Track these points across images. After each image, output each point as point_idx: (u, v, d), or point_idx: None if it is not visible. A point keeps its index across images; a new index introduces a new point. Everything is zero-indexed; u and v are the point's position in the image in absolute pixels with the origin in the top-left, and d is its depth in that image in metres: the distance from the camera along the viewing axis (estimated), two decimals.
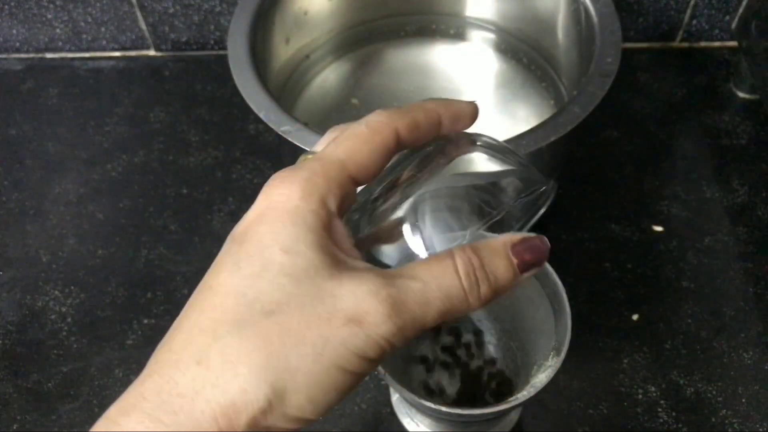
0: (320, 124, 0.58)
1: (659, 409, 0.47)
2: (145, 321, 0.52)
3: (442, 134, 0.27)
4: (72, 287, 0.54)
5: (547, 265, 0.36)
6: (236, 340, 0.21)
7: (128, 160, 0.62)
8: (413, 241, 0.25)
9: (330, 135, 0.26)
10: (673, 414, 0.47)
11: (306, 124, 0.44)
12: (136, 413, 0.21)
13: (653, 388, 0.48)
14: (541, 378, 0.34)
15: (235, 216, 0.57)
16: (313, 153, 0.25)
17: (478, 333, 0.45)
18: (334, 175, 0.23)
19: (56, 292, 0.54)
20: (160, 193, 0.60)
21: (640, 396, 0.47)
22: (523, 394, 0.34)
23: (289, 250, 0.22)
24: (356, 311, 0.21)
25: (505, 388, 0.43)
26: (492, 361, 0.45)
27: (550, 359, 0.35)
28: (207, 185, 0.60)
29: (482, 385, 0.44)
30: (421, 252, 0.24)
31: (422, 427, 0.45)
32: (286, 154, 0.54)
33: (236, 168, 0.61)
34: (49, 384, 0.50)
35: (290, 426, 0.21)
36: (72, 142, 0.64)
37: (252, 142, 0.63)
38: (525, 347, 0.42)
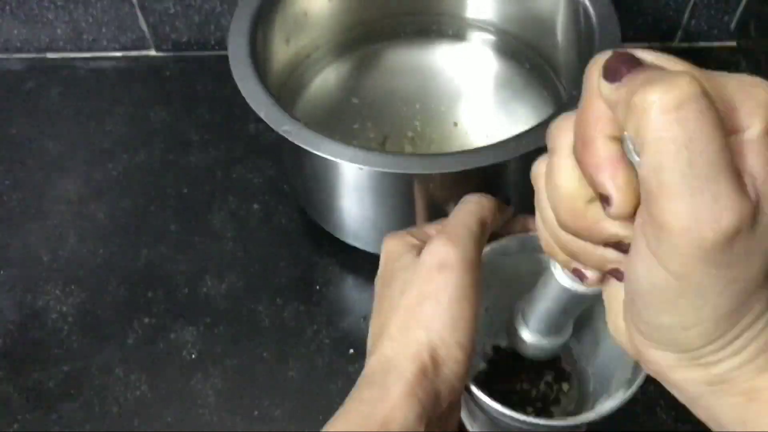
0: (320, 124, 0.58)
1: (659, 409, 0.47)
2: (146, 320, 0.52)
3: None
4: (72, 287, 0.54)
5: None
6: (399, 317, 0.34)
7: (129, 159, 0.62)
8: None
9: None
10: (673, 414, 0.47)
11: (306, 124, 0.44)
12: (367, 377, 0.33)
13: (653, 388, 0.48)
14: (609, 404, 0.35)
15: (236, 215, 0.58)
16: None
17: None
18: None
19: (57, 292, 0.54)
20: (160, 192, 0.60)
21: (640, 396, 0.47)
22: (591, 414, 0.34)
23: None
24: (437, 260, 0.34)
25: (547, 403, 0.44)
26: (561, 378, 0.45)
27: (621, 391, 0.35)
28: (207, 185, 0.60)
29: (529, 397, 0.44)
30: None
31: (477, 427, 0.45)
32: (286, 154, 0.54)
33: (237, 167, 0.61)
34: (50, 383, 0.50)
35: (458, 352, 0.33)
36: (73, 141, 0.64)
37: (252, 141, 0.63)
38: (599, 374, 0.42)
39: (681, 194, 0.19)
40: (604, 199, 0.22)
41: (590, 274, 0.27)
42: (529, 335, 0.37)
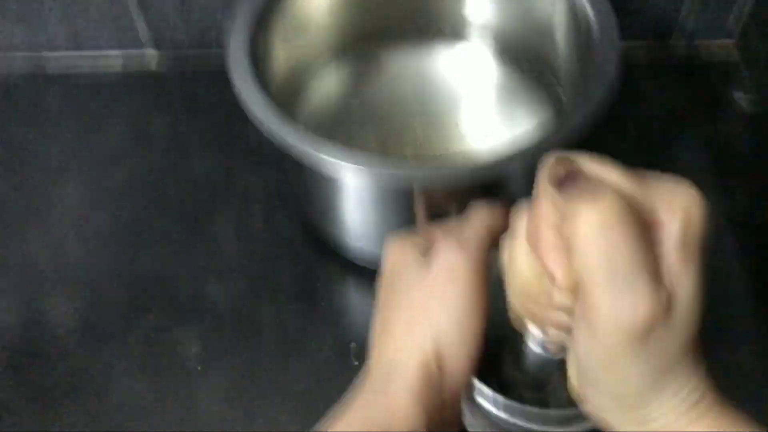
0: (320, 127, 0.58)
1: None
2: (147, 325, 0.52)
3: None
4: (74, 293, 0.54)
5: None
6: (404, 318, 0.35)
7: (129, 163, 0.62)
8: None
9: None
10: None
11: (306, 128, 0.44)
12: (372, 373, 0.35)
13: None
14: None
15: (237, 220, 0.58)
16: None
17: None
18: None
19: (58, 297, 0.54)
20: (161, 197, 0.60)
21: None
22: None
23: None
24: (445, 263, 0.35)
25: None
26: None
27: None
28: (208, 189, 0.60)
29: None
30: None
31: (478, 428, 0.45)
32: (287, 158, 0.54)
33: (238, 172, 0.61)
34: (51, 385, 0.50)
35: (463, 352, 0.33)
36: (73, 145, 0.64)
37: (253, 145, 0.63)
38: None
39: (604, 288, 0.24)
40: (551, 276, 0.26)
41: (552, 331, 0.30)
42: (526, 392, 0.38)
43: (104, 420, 0.48)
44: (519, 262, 0.28)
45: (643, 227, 0.24)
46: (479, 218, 0.38)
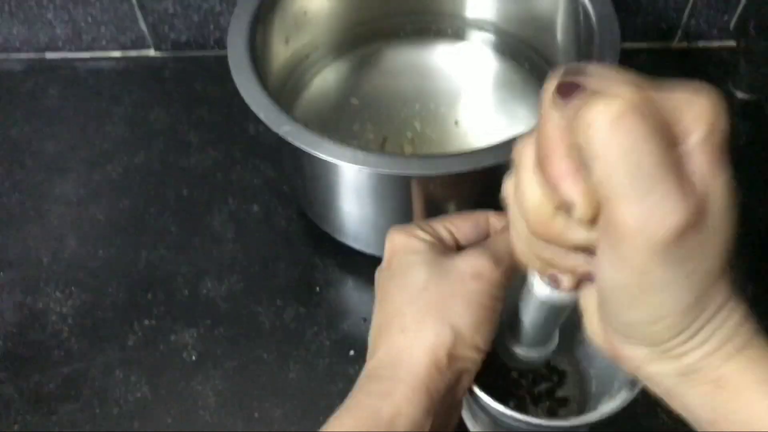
0: (320, 124, 0.58)
1: (659, 409, 0.47)
2: (146, 322, 0.52)
3: None
4: (72, 288, 0.54)
5: None
6: (416, 310, 0.34)
7: (128, 160, 0.62)
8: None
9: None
10: (673, 414, 0.47)
11: (306, 125, 0.44)
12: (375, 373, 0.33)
13: None
14: (611, 405, 0.35)
15: (236, 217, 0.58)
16: None
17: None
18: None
19: (57, 294, 0.54)
20: (160, 193, 0.60)
21: (641, 397, 0.47)
22: (593, 415, 0.35)
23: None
24: (475, 269, 0.34)
25: (554, 406, 0.44)
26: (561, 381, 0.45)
27: (623, 392, 0.36)
28: (207, 186, 0.60)
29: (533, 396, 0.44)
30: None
31: (479, 427, 0.45)
32: (285, 155, 0.54)
33: (236, 168, 0.61)
34: (50, 385, 0.50)
35: (474, 354, 0.33)
36: (72, 142, 0.64)
37: (252, 142, 0.63)
38: (601, 376, 0.42)
39: (630, 197, 0.21)
40: (568, 206, 0.23)
41: (565, 279, 0.28)
42: (516, 347, 0.37)
43: (104, 419, 0.48)
44: (528, 197, 0.25)
45: (663, 128, 0.21)
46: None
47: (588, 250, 0.25)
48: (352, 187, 0.47)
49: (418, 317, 0.33)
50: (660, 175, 0.21)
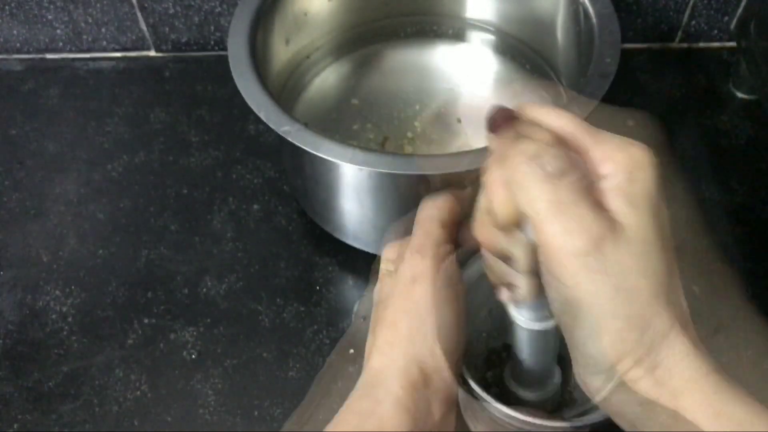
0: (320, 124, 0.58)
1: None
2: (146, 321, 0.52)
3: None
4: (72, 287, 0.54)
5: None
6: (387, 331, 0.34)
7: (129, 160, 0.62)
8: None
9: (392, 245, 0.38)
10: None
11: (306, 125, 0.44)
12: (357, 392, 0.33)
13: None
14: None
15: (236, 216, 0.58)
16: (387, 263, 0.37)
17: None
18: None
19: (57, 292, 0.54)
20: (160, 193, 0.60)
21: None
22: (595, 415, 0.35)
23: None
24: (411, 273, 0.34)
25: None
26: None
27: None
28: (207, 185, 0.60)
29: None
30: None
31: (480, 427, 0.45)
32: (286, 155, 0.54)
33: (236, 168, 0.61)
34: (50, 383, 0.50)
35: (441, 362, 0.33)
36: (72, 142, 0.64)
37: (252, 142, 0.63)
38: None
39: (551, 218, 0.25)
40: (494, 215, 0.28)
41: (503, 290, 0.32)
42: (519, 390, 0.37)
43: (104, 418, 0.48)
44: (482, 204, 0.30)
45: (581, 167, 0.26)
46: (426, 216, 0.37)
47: (508, 260, 0.29)
48: (352, 186, 0.47)
49: (387, 338, 0.34)
50: (574, 199, 0.25)
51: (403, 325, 0.34)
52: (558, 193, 0.25)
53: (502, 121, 0.28)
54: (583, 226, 0.25)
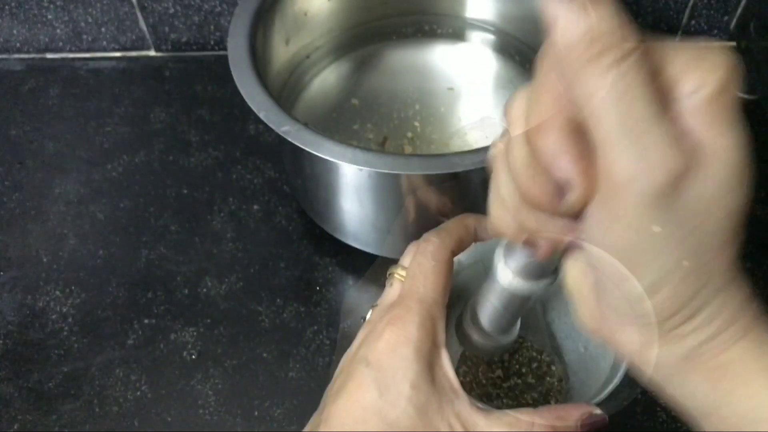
0: (320, 124, 0.58)
1: (659, 409, 0.47)
2: (146, 321, 0.52)
3: None
4: (73, 287, 0.54)
5: None
6: None
7: (129, 160, 0.62)
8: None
9: (410, 251, 0.35)
10: (673, 414, 0.47)
11: (306, 124, 0.44)
12: None
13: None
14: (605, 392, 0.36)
15: (236, 216, 0.58)
16: (401, 269, 0.34)
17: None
18: (436, 313, 0.32)
19: (57, 292, 0.54)
20: (160, 193, 0.60)
21: (640, 395, 0.48)
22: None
23: (416, 386, 0.30)
24: (389, 317, 0.31)
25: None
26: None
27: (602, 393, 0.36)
28: (207, 185, 0.60)
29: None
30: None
31: None
32: (286, 154, 0.54)
33: (236, 168, 0.61)
34: (50, 384, 0.50)
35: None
36: (72, 142, 0.64)
37: (252, 142, 0.63)
38: (590, 369, 0.42)
39: (621, 144, 0.20)
40: (564, 186, 0.22)
41: (544, 244, 0.26)
42: (474, 333, 0.36)
43: (104, 418, 0.48)
44: (519, 160, 0.23)
45: (662, 80, 0.21)
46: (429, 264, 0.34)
47: (576, 214, 0.23)
48: (352, 186, 0.47)
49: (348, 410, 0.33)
50: (650, 123, 0.20)
51: (367, 396, 0.31)
52: (632, 115, 0.20)
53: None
54: (659, 158, 0.20)
